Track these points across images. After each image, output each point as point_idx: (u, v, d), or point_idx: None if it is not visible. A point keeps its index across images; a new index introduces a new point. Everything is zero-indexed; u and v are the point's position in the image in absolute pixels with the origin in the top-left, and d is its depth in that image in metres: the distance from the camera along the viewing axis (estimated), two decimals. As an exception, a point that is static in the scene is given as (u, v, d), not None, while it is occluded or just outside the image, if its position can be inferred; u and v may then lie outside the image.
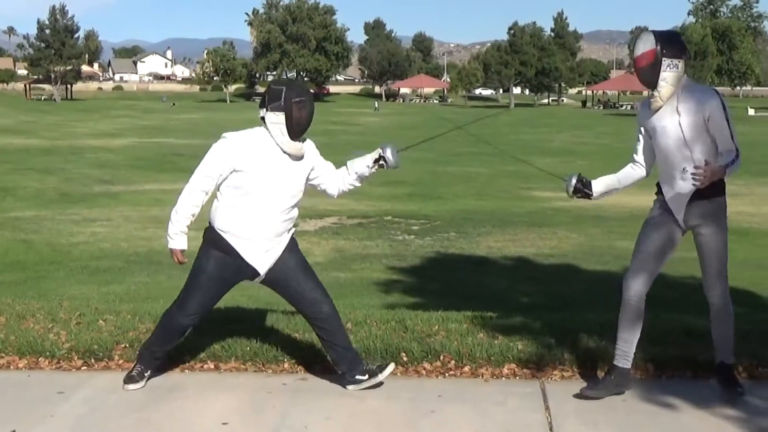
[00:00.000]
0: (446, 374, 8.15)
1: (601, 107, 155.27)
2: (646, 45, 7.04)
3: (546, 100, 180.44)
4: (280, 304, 12.53)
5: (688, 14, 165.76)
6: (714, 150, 7.07)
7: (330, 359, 7.89)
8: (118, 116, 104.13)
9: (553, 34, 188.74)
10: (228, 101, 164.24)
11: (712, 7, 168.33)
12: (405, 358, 8.28)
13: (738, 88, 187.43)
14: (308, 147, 7.61)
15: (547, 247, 22.72)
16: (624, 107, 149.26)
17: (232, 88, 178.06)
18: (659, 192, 7.47)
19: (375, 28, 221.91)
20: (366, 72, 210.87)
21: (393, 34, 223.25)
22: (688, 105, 7.05)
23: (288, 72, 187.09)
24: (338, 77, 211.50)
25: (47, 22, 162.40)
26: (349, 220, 28.42)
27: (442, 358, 8.29)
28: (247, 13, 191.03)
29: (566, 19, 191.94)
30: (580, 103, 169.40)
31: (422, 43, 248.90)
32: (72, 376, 8.21)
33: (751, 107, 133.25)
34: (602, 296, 15.68)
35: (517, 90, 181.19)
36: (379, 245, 23.69)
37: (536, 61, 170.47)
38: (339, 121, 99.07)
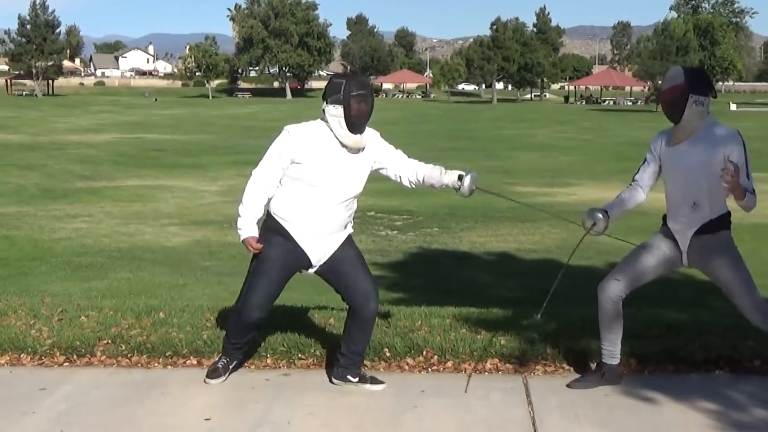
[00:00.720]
0: (429, 369, 8.15)
1: (584, 102, 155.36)
2: (675, 79, 7.08)
3: (529, 96, 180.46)
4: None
5: (670, 9, 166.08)
6: (726, 191, 7.05)
7: (340, 348, 7.84)
8: (100, 112, 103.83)
9: (535, 29, 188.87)
10: (210, 97, 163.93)
11: (693, 2, 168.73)
12: (388, 354, 8.28)
13: (720, 83, 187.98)
14: (371, 138, 7.57)
15: (529, 243, 22.75)
16: (606, 102, 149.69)
17: (215, 83, 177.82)
18: (664, 224, 7.47)
19: (357, 24, 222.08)
20: (348, 67, 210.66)
21: (375, 30, 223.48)
22: (711, 143, 7.11)
23: (270, 67, 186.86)
24: (321, 72, 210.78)
25: (28, 17, 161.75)
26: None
27: (424, 353, 8.30)
28: (229, 9, 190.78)
29: (548, 14, 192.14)
30: (562, 99, 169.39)
31: (405, 39, 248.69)
32: (54, 372, 8.20)
33: (733, 102, 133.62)
34: (585, 291, 15.70)
35: (499, 85, 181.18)
36: (362, 240, 23.66)
37: (519, 56, 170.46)
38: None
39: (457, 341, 8.46)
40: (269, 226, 7.52)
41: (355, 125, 7.26)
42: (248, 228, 7.42)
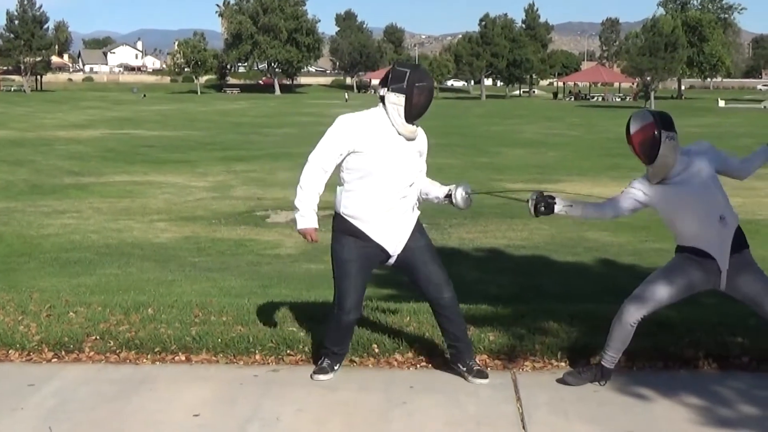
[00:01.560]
0: (418, 365, 8.15)
1: (573, 99, 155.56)
2: (643, 120, 7.23)
3: (517, 92, 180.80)
4: (250, 295, 12.54)
5: (658, 6, 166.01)
6: (724, 192, 7.37)
7: (444, 338, 7.93)
8: (89, 107, 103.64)
9: (524, 25, 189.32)
10: (199, 92, 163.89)
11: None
12: (377, 350, 8.28)
13: (708, 80, 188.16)
14: (420, 133, 7.65)
15: (518, 239, 22.73)
16: (595, 99, 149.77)
17: (203, 79, 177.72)
18: (691, 252, 7.46)
19: (346, 20, 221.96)
20: (337, 63, 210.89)
21: (364, 26, 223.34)
22: (697, 160, 7.30)
23: (259, 63, 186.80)
24: (309, 68, 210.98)
25: (16, 13, 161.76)
26: (321, 212, 28.30)
27: (413, 349, 8.29)
28: (218, 5, 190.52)
29: (537, 10, 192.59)
30: (551, 95, 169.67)
31: (393, 35, 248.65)
32: (42, 368, 8.18)
33: (721, 99, 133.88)
34: (574, 287, 15.72)
35: (488, 81, 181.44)
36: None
37: (507, 52, 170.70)
38: (311, 113, 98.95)
39: (446, 337, 8.46)
40: (341, 228, 7.64)
41: (413, 115, 7.36)
42: (308, 218, 7.58)
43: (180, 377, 7.92)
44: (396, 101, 7.29)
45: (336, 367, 7.93)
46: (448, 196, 7.85)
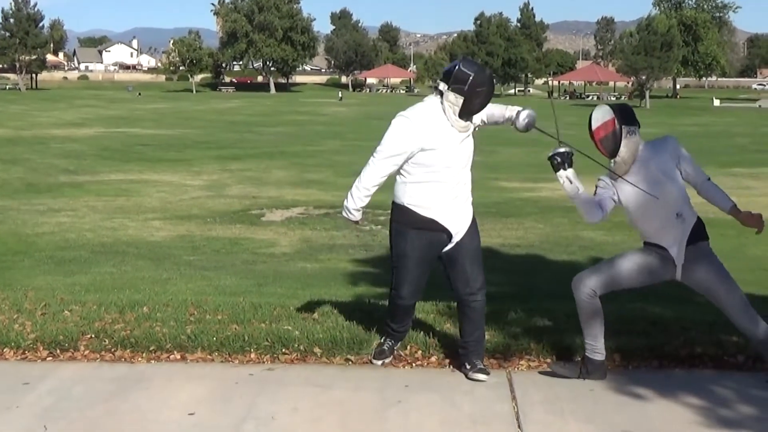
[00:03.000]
0: (413, 364, 8.15)
1: (568, 98, 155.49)
2: (604, 117, 7.38)
3: (513, 91, 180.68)
4: (246, 293, 12.54)
5: (653, 5, 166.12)
6: (683, 187, 7.39)
7: (461, 339, 7.99)
8: (84, 106, 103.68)
9: (519, 24, 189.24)
10: (194, 91, 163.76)
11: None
12: (372, 348, 8.27)
13: (704, 79, 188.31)
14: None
15: (513, 238, 22.76)
16: (590, 98, 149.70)
17: (199, 77, 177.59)
18: (657, 249, 7.51)
19: (341, 18, 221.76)
20: (332, 62, 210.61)
21: (359, 24, 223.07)
22: (657, 156, 7.36)
23: (254, 61, 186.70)
24: (305, 67, 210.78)
25: (11, 11, 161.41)
26: (316, 210, 28.39)
27: (409, 348, 8.30)
28: (213, 3, 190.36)
29: (532, 9, 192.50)
30: (546, 94, 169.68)
31: (389, 33, 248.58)
32: (37, 366, 8.18)
33: (716, 98, 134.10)
34: (568, 286, 15.72)
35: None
36: (346, 235, 23.65)
37: (503, 51, 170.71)
38: (306, 111, 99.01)
39: (441, 336, 8.48)
40: (404, 219, 7.72)
41: (467, 115, 7.49)
42: (356, 215, 7.77)
43: (175, 376, 7.91)
44: (454, 101, 7.40)
45: (396, 348, 8.17)
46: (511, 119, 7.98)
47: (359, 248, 21.64)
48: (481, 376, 7.71)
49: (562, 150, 7.76)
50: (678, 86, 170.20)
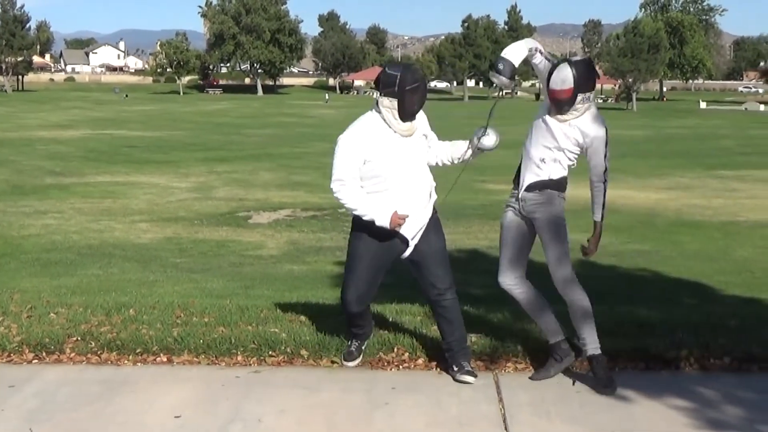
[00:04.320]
0: (400, 366, 8.15)
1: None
2: (564, 83, 7.34)
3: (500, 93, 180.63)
4: (232, 296, 12.52)
5: (640, 8, 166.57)
6: (560, 166, 7.74)
7: (443, 341, 7.97)
8: (70, 108, 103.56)
9: (506, 27, 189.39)
10: (181, 93, 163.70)
11: (662, 0, 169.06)
12: (359, 351, 8.28)
13: (690, 81, 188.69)
14: (420, 118, 7.76)
15: (500, 240, 22.76)
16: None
17: (186, 79, 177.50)
18: (514, 180, 7.96)
19: (329, 20, 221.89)
20: (320, 64, 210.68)
21: (347, 27, 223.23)
22: (581, 126, 7.54)
23: (242, 64, 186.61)
24: (292, 69, 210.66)
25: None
26: (303, 213, 28.40)
27: (396, 350, 8.30)
28: (200, 6, 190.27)
29: (519, 12, 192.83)
30: (534, 96, 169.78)
31: (376, 36, 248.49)
32: (23, 369, 8.15)
33: (702, 100, 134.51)
34: (555, 289, 15.72)
35: (471, 83, 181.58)
36: (333, 238, 23.65)
37: (490, 54, 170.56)
38: (292, 113, 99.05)
39: (428, 338, 8.47)
40: (359, 227, 7.73)
41: (407, 116, 7.46)
42: (381, 215, 7.52)
43: (161, 378, 7.90)
44: (389, 105, 7.38)
45: (363, 348, 8.18)
46: (474, 141, 8.05)
47: (346, 250, 21.60)
48: (469, 378, 7.70)
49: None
50: (665, 89, 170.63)
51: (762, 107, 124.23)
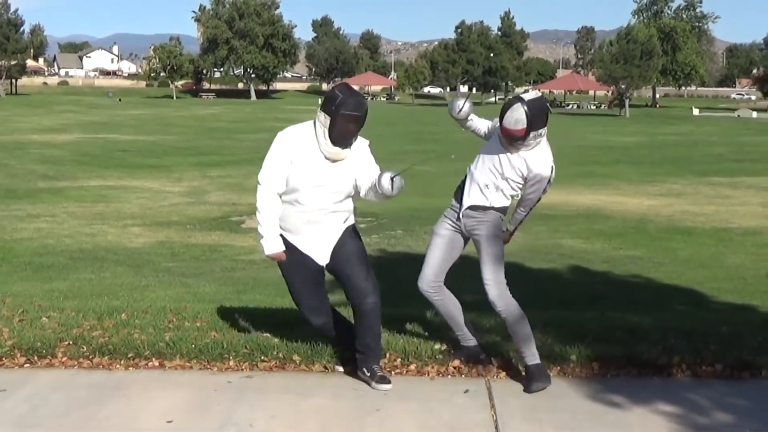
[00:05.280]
0: (392, 372, 8.14)
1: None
2: (518, 123, 7.43)
3: (493, 99, 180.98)
4: (224, 300, 12.51)
5: (632, 15, 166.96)
6: (502, 195, 7.85)
7: (357, 342, 7.97)
8: (63, 111, 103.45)
9: (500, 33, 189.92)
10: (174, 97, 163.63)
11: (655, 7, 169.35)
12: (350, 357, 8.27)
13: (683, 88, 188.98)
14: (358, 146, 7.66)
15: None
16: (570, 106, 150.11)
17: (179, 83, 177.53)
18: (456, 194, 8.09)
19: (323, 26, 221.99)
20: (313, 69, 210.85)
21: (341, 32, 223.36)
22: (528, 159, 7.68)
23: (235, 68, 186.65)
24: (286, 74, 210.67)
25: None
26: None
27: (388, 356, 8.29)
28: (194, 11, 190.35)
29: (513, 18, 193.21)
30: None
31: (370, 41, 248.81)
32: (14, 373, 8.14)
33: (695, 107, 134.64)
34: (547, 295, 15.74)
35: (464, 88, 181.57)
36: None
37: (483, 59, 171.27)
38: (285, 118, 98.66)
39: (420, 344, 8.48)
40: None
41: (337, 141, 7.35)
42: (273, 242, 7.63)
43: (153, 383, 7.89)
44: (323, 122, 7.34)
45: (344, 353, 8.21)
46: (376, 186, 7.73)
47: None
48: (385, 387, 7.74)
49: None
50: (657, 95, 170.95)
51: (754, 114, 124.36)
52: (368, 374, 7.82)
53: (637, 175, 40.74)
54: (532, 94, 7.66)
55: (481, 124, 8.19)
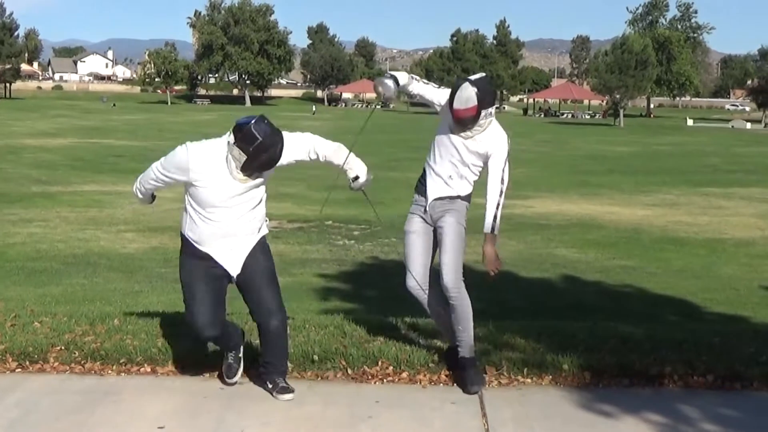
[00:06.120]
0: (384, 380, 8.14)
1: (542, 115, 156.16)
2: (468, 102, 7.54)
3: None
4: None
5: (626, 23, 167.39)
6: (467, 182, 8.06)
7: (261, 359, 7.92)
8: (58, 116, 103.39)
9: (495, 41, 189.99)
10: (169, 103, 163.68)
11: (650, 17, 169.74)
12: (343, 363, 8.26)
13: (678, 98, 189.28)
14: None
15: (486, 254, 22.78)
16: (565, 115, 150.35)
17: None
18: (418, 189, 8.20)
19: (318, 33, 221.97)
20: (308, 76, 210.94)
21: (336, 39, 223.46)
22: (483, 139, 7.84)
23: (230, 74, 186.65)
24: (281, 80, 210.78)
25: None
26: (290, 225, 28.33)
27: (380, 363, 8.28)
28: (189, 17, 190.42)
29: (508, 27, 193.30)
30: (521, 111, 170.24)
31: (365, 48, 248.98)
32: (6, 378, 8.12)
33: (690, 118, 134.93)
34: (541, 303, 15.75)
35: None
36: (319, 250, 23.65)
37: (478, 68, 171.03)
38: (280, 125, 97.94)
39: (413, 352, 8.46)
40: (187, 250, 7.63)
41: (252, 171, 7.26)
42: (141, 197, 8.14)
43: (145, 389, 7.88)
44: (237, 157, 7.17)
45: (241, 355, 8.04)
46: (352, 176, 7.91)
47: (332, 263, 21.62)
48: (288, 396, 7.71)
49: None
50: (652, 105, 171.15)
51: (748, 125, 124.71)
52: (270, 386, 7.79)
53: (631, 185, 40.78)
54: (477, 75, 7.79)
55: (426, 91, 8.28)
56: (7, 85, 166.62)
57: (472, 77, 7.69)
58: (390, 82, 7.95)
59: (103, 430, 6.99)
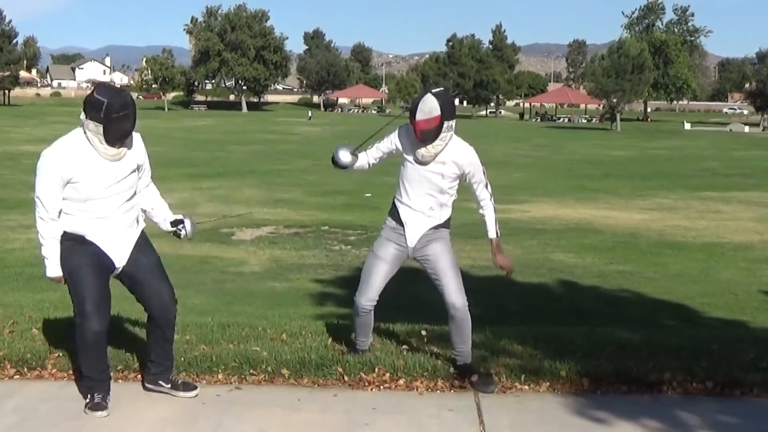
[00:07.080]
0: (381, 386, 8.13)
1: (539, 120, 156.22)
2: (432, 112, 7.64)
3: (484, 112, 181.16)
4: (214, 313, 12.49)
5: (622, 27, 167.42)
6: (447, 207, 8.20)
7: (149, 356, 7.92)
8: (56, 122, 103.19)
9: (491, 46, 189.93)
10: (166, 109, 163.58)
11: (647, 21, 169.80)
12: (340, 370, 8.25)
13: (675, 102, 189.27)
14: (136, 142, 7.53)
15: (482, 259, 22.71)
16: (561, 120, 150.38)
17: (171, 95, 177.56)
18: (393, 216, 8.32)
19: (314, 38, 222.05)
20: (305, 81, 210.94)
21: (332, 45, 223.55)
22: (453, 158, 7.93)
23: (226, 80, 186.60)
24: (277, 86, 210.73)
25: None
26: (286, 230, 28.36)
27: (377, 370, 8.27)
28: (186, 23, 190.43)
29: (504, 31, 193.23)
30: (517, 116, 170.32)
31: (361, 54, 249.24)
32: (4, 385, 8.11)
33: (687, 121, 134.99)
34: (537, 309, 15.74)
35: (455, 102, 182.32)
36: (316, 255, 23.66)
37: (474, 73, 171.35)
38: (277, 131, 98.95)
39: (410, 358, 8.45)
40: (69, 239, 7.48)
41: (115, 141, 7.18)
42: (52, 267, 7.61)
43: (142, 395, 7.87)
44: (95, 130, 7.09)
45: (108, 399, 7.56)
46: (176, 224, 8.14)
47: (328, 268, 21.63)
48: (192, 393, 7.78)
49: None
50: (649, 109, 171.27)
51: (746, 129, 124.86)
52: (169, 386, 7.79)
53: (628, 189, 40.79)
54: (437, 88, 7.87)
55: (375, 152, 8.46)
56: (6, 92, 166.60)
57: (433, 90, 7.77)
58: (345, 152, 8.35)
59: (101, 438, 6.98)
